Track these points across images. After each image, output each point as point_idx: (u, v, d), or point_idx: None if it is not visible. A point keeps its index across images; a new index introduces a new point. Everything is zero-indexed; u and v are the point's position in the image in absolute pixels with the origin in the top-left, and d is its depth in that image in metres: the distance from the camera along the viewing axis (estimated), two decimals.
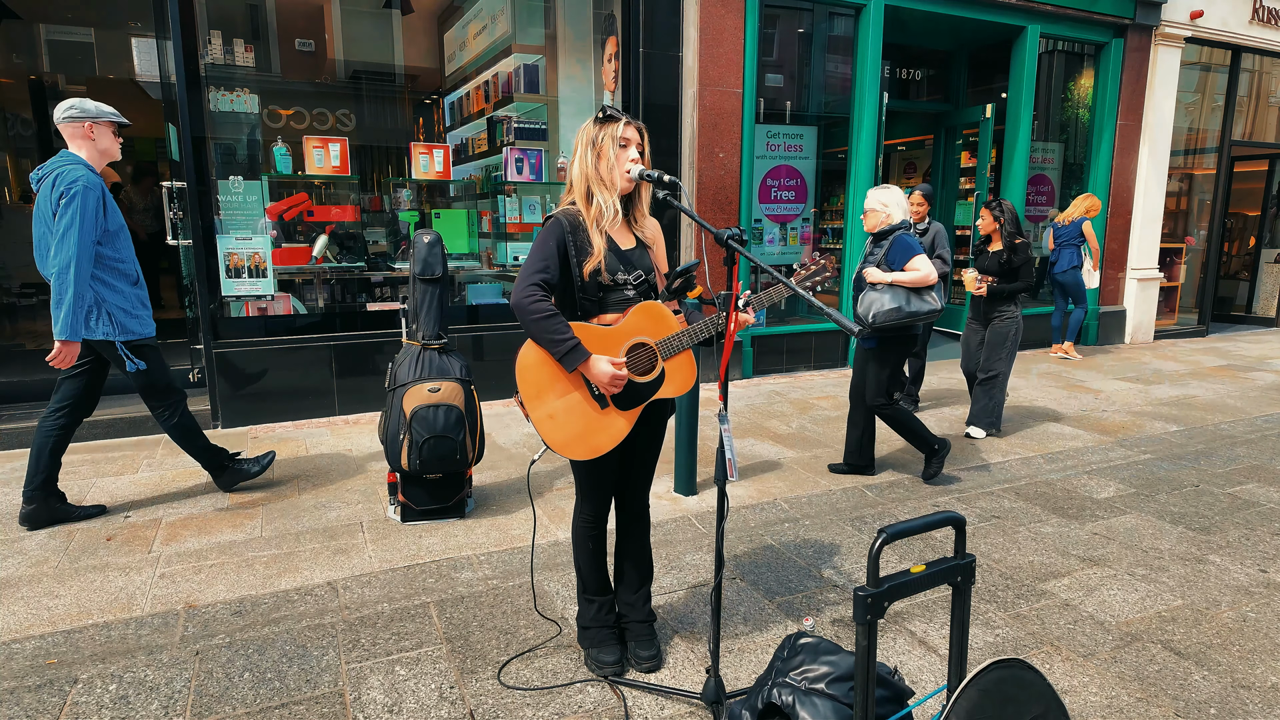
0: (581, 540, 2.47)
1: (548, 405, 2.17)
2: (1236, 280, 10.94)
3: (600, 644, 2.49)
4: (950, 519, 1.72)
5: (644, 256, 2.33)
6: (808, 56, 7.07)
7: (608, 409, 2.20)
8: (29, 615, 2.75)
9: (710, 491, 3.97)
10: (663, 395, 2.24)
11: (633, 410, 2.22)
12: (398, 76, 6.93)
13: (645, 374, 2.22)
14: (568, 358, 2.11)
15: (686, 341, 2.21)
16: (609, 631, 2.51)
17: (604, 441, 2.20)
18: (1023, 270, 4.85)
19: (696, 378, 2.27)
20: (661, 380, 2.23)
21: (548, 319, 2.10)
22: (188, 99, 4.82)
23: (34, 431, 3.56)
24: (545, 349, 2.14)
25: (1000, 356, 4.93)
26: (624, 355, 2.19)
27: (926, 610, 2.91)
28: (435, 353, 3.55)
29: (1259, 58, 9.48)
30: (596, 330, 2.19)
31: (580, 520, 2.45)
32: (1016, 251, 4.86)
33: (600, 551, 2.49)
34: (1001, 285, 4.90)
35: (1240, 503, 4.07)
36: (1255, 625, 2.83)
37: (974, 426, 5.02)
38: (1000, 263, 4.91)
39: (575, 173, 2.25)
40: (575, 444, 2.18)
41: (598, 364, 2.12)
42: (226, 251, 5.15)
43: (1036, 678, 1.71)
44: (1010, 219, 4.87)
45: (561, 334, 2.10)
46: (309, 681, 2.43)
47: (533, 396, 2.17)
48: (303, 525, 3.55)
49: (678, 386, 2.25)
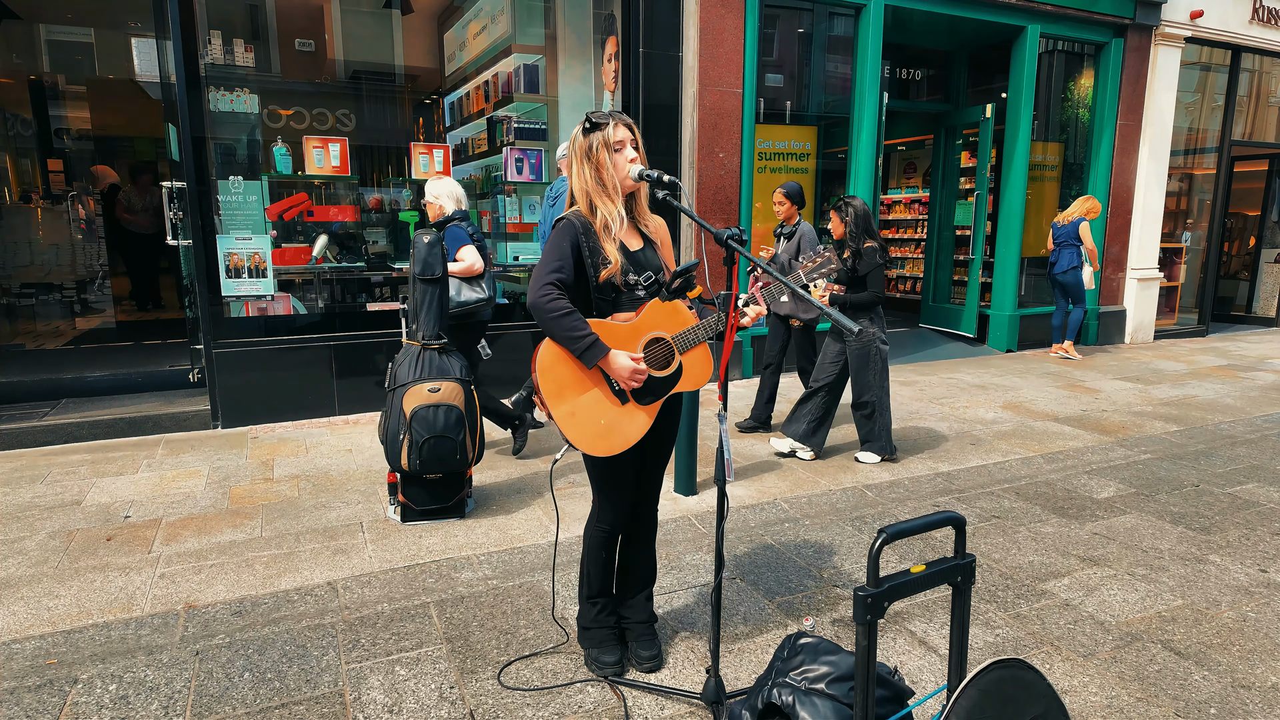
0: (595, 549, 2.45)
1: (569, 403, 2.17)
2: (1236, 280, 10.94)
3: (601, 644, 2.49)
4: (950, 519, 1.72)
5: (652, 255, 2.32)
6: (808, 56, 7.08)
7: (628, 404, 2.21)
8: (29, 615, 2.75)
9: (710, 491, 3.97)
10: (682, 388, 2.27)
11: (653, 404, 2.24)
12: (398, 76, 6.93)
13: (663, 368, 2.23)
14: (587, 354, 2.11)
15: (702, 335, 2.24)
16: (610, 632, 2.51)
17: (628, 436, 2.21)
18: (870, 278, 4.29)
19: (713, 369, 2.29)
20: (680, 374, 2.25)
21: (565, 316, 2.10)
22: (188, 99, 4.82)
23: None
24: (564, 346, 2.14)
25: (868, 383, 4.41)
26: (642, 350, 2.21)
27: (926, 610, 2.91)
28: (435, 353, 3.55)
29: (1259, 58, 9.48)
30: (613, 326, 2.19)
31: (597, 530, 2.43)
32: (862, 257, 4.29)
33: (611, 557, 2.49)
34: (846, 295, 4.36)
35: (1240, 503, 4.07)
36: (1255, 625, 2.83)
37: (864, 452, 4.55)
38: (846, 270, 4.37)
39: (576, 187, 2.25)
40: (598, 440, 2.19)
41: (617, 359, 2.12)
42: (226, 251, 5.15)
43: (1036, 678, 1.71)
44: (858, 220, 4.32)
45: (580, 330, 2.10)
46: (309, 681, 2.43)
47: (553, 395, 2.17)
48: (303, 525, 3.55)
49: (696, 379, 2.27)
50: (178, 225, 5.10)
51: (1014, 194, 7.96)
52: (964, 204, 8.64)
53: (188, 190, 4.94)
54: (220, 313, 5.13)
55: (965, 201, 8.61)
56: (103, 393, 5.39)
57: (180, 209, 5.07)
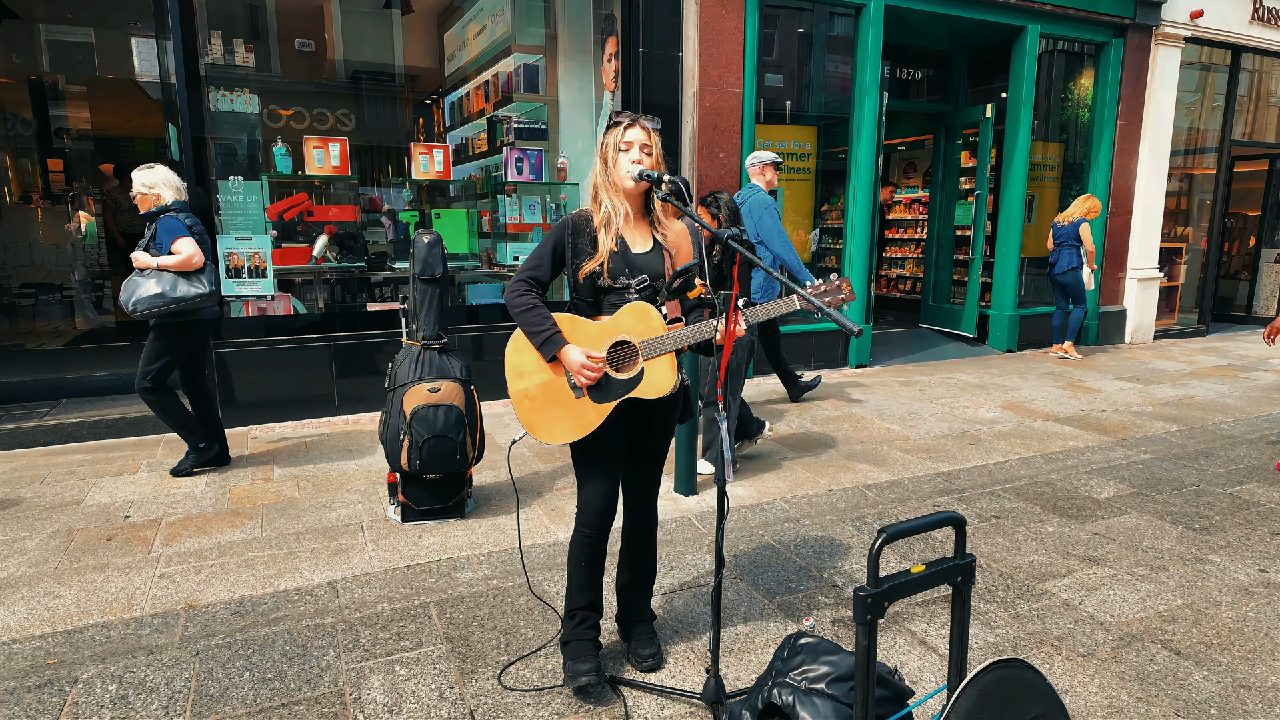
0: (575, 556, 2.40)
1: (526, 386, 2.31)
2: (1236, 280, 10.94)
3: (578, 656, 2.38)
4: (950, 519, 1.72)
5: (655, 261, 2.30)
6: (808, 56, 7.08)
7: (582, 399, 2.27)
8: (29, 615, 2.75)
9: (710, 491, 3.97)
10: (639, 395, 2.26)
11: (605, 405, 2.26)
12: (398, 76, 6.93)
13: (625, 370, 2.24)
14: (544, 346, 2.23)
15: (669, 345, 2.21)
16: (588, 643, 2.41)
17: (570, 429, 2.27)
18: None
19: (677, 382, 2.28)
20: (639, 379, 2.25)
21: (529, 311, 2.25)
22: (188, 99, 4.82)
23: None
24: (528, 339, 2.27)
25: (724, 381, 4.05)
26: (605, 350, 2.24)
27: (926, 610, 2.91)
28: (435, 353, 3.55)
29: (1259, 58, 9.48)
30: (583, 324, 2.26)
31: (576, 534, 2.39)
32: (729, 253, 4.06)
33: (594, 569, 2.42)
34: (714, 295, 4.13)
35: (1240, 503, 4.07)
36: (1255, 625, 2.83)
37: (703, 460, 4.25)
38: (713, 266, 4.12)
39: (589, 179, 2.35)
40: (543, 426, 2.29)
41: (570, 352, 2.22)
42: (226, 251, 5.15)
43: (1036, 678, 1.71)
44: (731, 216, 4.16)
45: (540, 325, 2.23)
46: (309, 681, 2.43)
47: (515, 378, 2.32)
48: (303, 525, 3.55)
49: (655, 388, 2.25)
50: None
51: (1014, 194, 7.95)
52: (964, 204, 8.64)
53: (188, 190, 4.93)
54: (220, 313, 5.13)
55: (965, 201, 8.61)
56: (103, 393, 5.39)
57: None
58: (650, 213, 2.32)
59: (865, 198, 7.03)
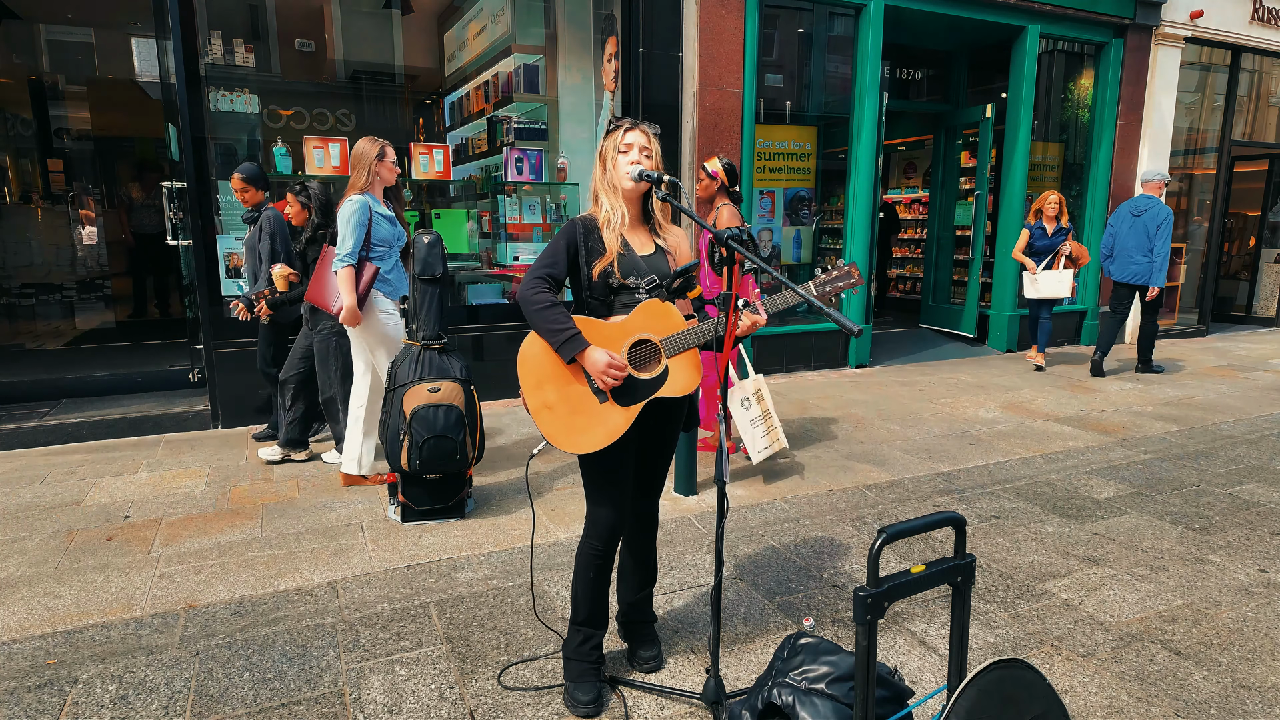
0: (584, 568, 2.32)
1: (546, 396, 2.16)
2: (1236, 280, 10.93)
3: (579, 678, 2.33)
4: (950, 519, 1.72)
5: (660, 263, 2.29)
6: (808, 56, 7.08)
7: (606, 403, 2.16)
8: (29, 615, 2.75)
9: (710, 491, 3.97)
10: (666, 394, 2.20)
11: (632, 407, 2.18)
12: (398, 76, 6.93)
13: (647, 370, 2.21)
14: (565, 346, 2.10)
15: (692, 340, 2.18)
16: (590, 667, 2.34)
17: (599, 437, 2.15)
18: None
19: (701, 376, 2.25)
20: (665, 378, 2.20)
21: (548, 309, 2.11)
22: (188, 99, 4.82)
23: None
24: (545, 339, 2.14)
25: (329, 378, 4.17)
26: (626, 350, 2.17)
27: (926, 610, 2.91)
28: (435, 353, 3.55)
29: (1259, 58, 9.48)
30: (601, 325, 2.18)
31: (587, 546, 2.32)
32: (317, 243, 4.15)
33: (602, 581, 2.34)
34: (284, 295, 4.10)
35: (1240, 503, 4.07)
36: (1255, 625, 2.83)
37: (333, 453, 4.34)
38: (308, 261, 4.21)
39: (591, 183, 2.33)
40: (569, 436, 2.15)
41: (593, 353, 2.10)
42: (226, 252, 5.15)
43: (1036, 678, 1.71)
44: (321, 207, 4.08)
45: (560, 324, 2.10)
46: (309, 681, 2.43)
47: (532, 387, 2.16)
48: (303, 525, 3.55)
49: (682, 385, 2.21)
50: (178, 225, 5.10)
51: (1014, 194, 7.95)
52: (964, 204, 8.64)
53: (188, 190, 4.94)
54: (220, 313, 5.12)
55: (965, 201, 8.61)
56: (103, 393, 5.39)
57: (180, 209, 5.07)
58: (650, 218, 2.31)
59: (865, 198, 7.02)
